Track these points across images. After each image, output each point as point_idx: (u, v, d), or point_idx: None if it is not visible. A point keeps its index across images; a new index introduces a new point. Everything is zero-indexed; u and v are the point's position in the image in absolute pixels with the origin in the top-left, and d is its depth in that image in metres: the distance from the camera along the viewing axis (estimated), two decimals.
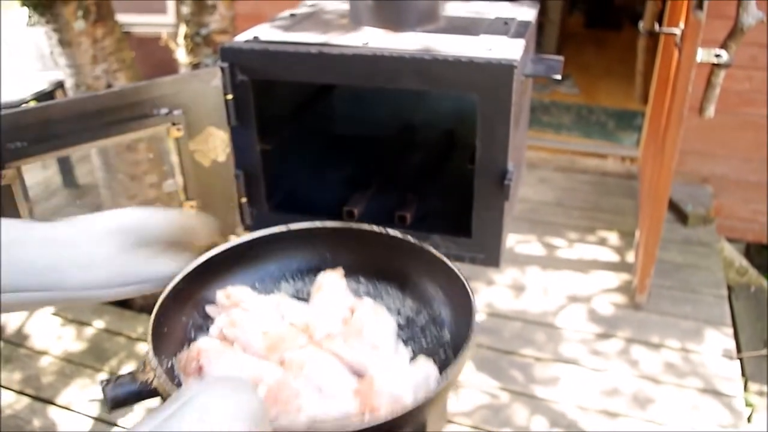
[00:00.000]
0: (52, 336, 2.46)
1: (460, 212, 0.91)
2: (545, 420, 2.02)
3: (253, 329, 0.58)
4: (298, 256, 0.73)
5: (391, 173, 1.04)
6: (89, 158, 3.68)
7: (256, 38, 0.85)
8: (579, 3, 5.85)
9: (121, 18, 2.29)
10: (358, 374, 0.54)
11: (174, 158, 0.85)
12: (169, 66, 3.37)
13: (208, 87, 0.84)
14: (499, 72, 0.74)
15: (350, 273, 0.70)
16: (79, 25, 1.97)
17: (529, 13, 0.96)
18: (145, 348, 2.26)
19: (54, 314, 2.56)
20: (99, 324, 2.52)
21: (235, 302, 0.62)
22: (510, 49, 0.78)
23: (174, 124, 0.81)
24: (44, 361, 2.34)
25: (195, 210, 0.88)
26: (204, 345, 0.55)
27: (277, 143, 0.93)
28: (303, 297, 0.69)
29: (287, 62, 0.81)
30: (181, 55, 2.38)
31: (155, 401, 0.53)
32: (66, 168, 3.43)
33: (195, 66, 2.36)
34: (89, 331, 2.49)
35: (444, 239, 0.89)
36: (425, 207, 0.96)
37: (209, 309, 0.64)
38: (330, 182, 1.03)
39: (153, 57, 3.37)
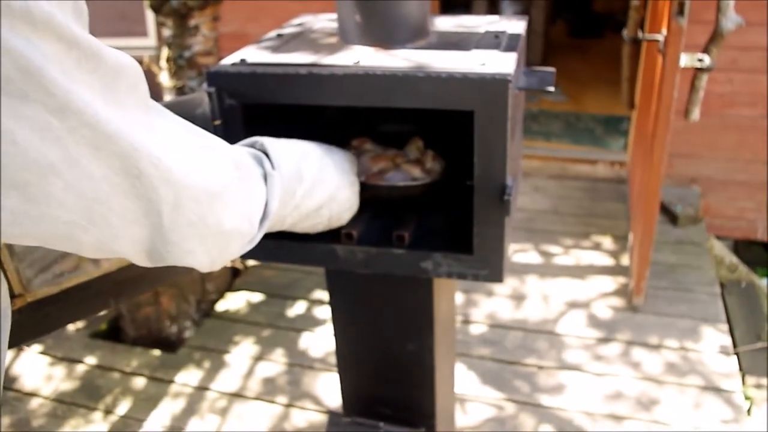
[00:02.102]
0: (41, 376, 2.36)
1: (460, 229, 0.90)
2: (552, 428, 2.00)
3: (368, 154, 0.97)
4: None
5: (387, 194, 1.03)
6: None
7: (243, 61, 0.84)
8: (561, 13, 5.90)
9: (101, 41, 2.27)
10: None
11: None
12: (150, 89, 3.36)
13: (195, 114, 0.82)
14: (494, 87, 0.74)
15: None
16: None
17: (518, 26, 0.95)
18: (140, 382, 2.22)
19: (42, 353, 2.48)
20: (90, 360, 2.43)
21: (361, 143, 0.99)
22: (503, 64, 0.77)
23: None
24: (34, 403, 2.24)
25: None
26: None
27: None
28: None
29: (277, 84, 0.80)
30: (165, 79, 2.37)
31: None
32: None
33: (179, 89, 2.34)
34: (80, 369, 2.40)
35: (445, 257, 0.88)
36: (424, 225, 0.94)
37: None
38: None
39: None
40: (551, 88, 0.87)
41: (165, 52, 2.31)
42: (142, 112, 0.48)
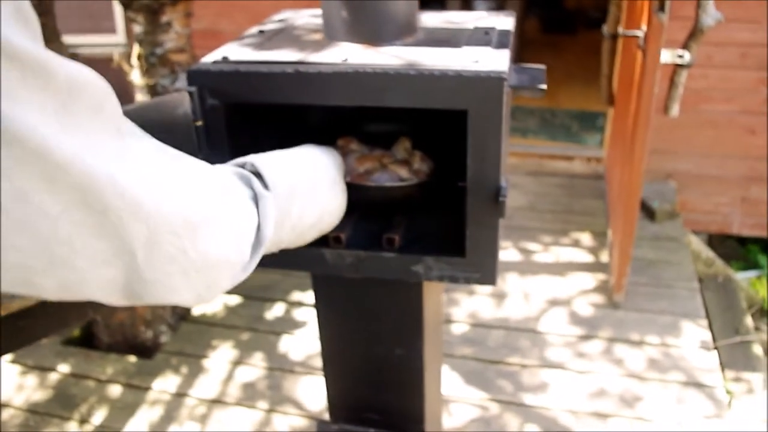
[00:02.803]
0: (12, 386, 2.28)
1: (452, 231, 0.87)
2: (537, 427, 2.00)
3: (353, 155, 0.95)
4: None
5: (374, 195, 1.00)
6: None
7: (225, 59, 0.80)
8: (533, 9, 5.93)
9: (67, 39, 2.19)
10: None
11: None
12: (120, 88, 3.27)
13: (175, 115, 0.78)
14: (489, 85, 0.71)
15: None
16: None
17: (507, 22, 0.93)
18: (116, 390, 2.15)
19: (13, 362, 2.40)
20: (64, 368, 2.35)
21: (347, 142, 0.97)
22: (497, 61, 0.75)
23: None
24: (6, 414, 2.16)
25: None
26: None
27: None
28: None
29: (261, 83, 0.76)
30: (136, 77, 2.30)
31: None
32: None
33: (151, 87, 2.28)
34: (53, 377, 2.32)
35: (437, 261, 0.85)
36: (414, 228, 0.92)
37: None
38: None
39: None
40: (544, 86, 0.85)
41: (136, 50, 2.24)
42: (108, 137, 0.43)
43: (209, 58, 0.80)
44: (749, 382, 2.24)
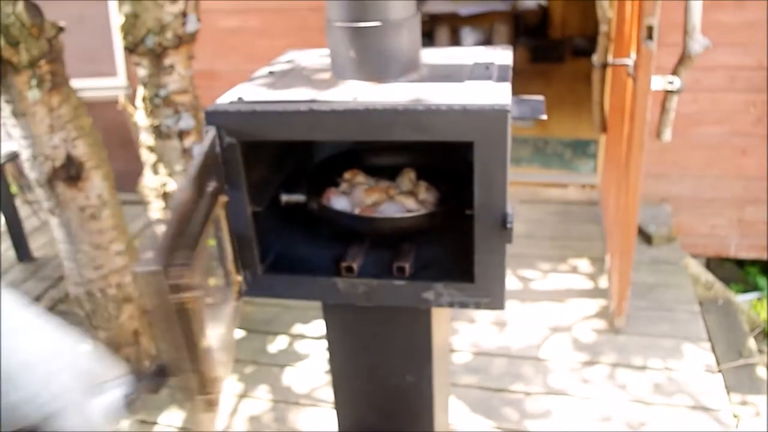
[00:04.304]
0: None
1: (460, 258, 0.90)
2: None
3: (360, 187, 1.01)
4: None
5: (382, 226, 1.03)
6: (43, 230, 3.56)
7: (240, 99, 0.84)
8: (520, 39, 6.06)
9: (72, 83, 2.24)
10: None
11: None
12: (125, 129, 3.32)
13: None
14: (494, 117, 0.75)
15: None
16: (34, 94, 1.92)
17: (506, 57, 0.97)
18: (123, 424, 2.09)
19: None
20: None
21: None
22: (499, 94, 0.79)
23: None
24: None
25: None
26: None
27: (267, 204, 0.91)
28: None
29: (276, 122, 0.80)
30: (141, 118, 2.34)
31: None
32: (19, 242, 3.30)
33: (156, 128, 2.32)
34: None
35: (447, 287, 0.87)
36: (422, 256, 0.94)
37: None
38: (322, 238, 1.01)
39: (103, 121, 3.32)
40: (544, 117, 0.89)
41: (141, 92, 2.30)
42: None
43: (224, 99, 0.84)
44: (755, 405, 2.24)
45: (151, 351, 2.43)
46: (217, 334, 0.78)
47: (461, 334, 2.58)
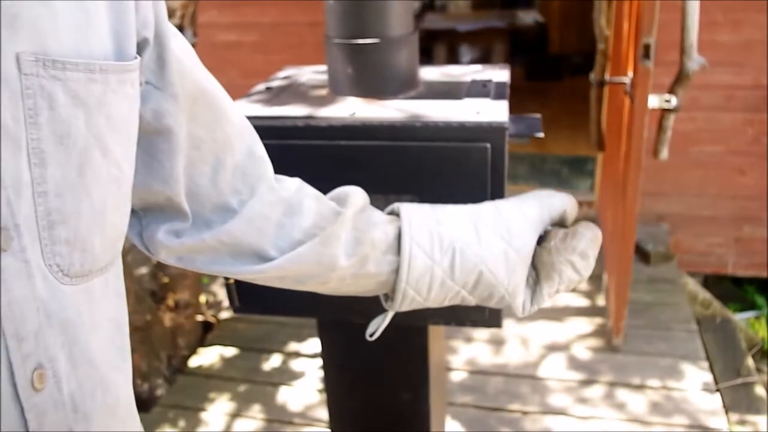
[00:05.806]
0: None
1: None
2: None
3: None
4: None
5: None
6: None
7: None
8: (517, 56, 6.09)
9: None
10: None
11: None
12: None
13: None
14: (491, 134, 0.74)
15: None
16: None
17: (503, 75, 0.97)
18: None
19: None
20: None
21: None
22: (497, 112, 0.78)
23: None
24: None
25: None
26: None
27: None
28: None
29: (274, 137, 0.79)
30: None
31: None
32: None
33: None
34: None
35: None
36: None
37: None
38: None
39: None
40: (541, 134, 0.89)
41: None
42: None
43: None
44: (755, 424, 2.22)
45: (142, 368, 2.40)
46: None
47: (457, 353, 2.56)
